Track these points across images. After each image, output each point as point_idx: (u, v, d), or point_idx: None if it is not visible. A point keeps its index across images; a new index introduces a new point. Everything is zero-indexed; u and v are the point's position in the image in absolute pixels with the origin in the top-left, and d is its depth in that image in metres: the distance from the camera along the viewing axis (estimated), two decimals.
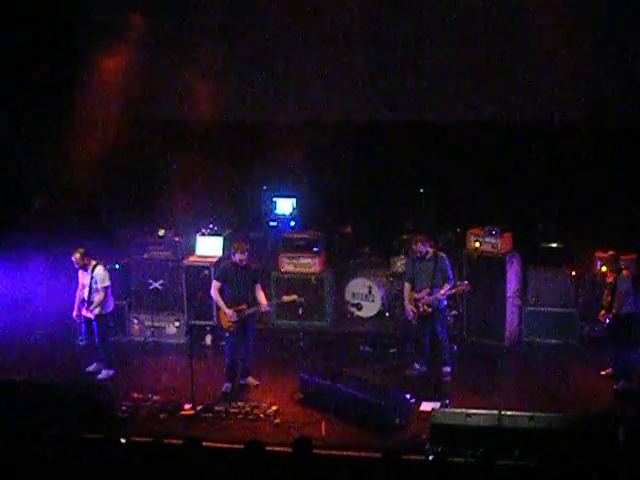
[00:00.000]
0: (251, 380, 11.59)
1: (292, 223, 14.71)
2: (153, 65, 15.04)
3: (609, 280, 11.31)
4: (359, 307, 13.46)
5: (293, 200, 14.85)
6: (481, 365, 12.20)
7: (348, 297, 13.54)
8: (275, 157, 14.47)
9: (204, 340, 13.01)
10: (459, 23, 14.51)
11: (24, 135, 14.67)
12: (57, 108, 14.69)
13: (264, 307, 11.44)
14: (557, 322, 12.67)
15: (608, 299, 11.23)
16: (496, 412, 9.60)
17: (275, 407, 10.79)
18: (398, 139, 15.00)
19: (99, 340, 11.91)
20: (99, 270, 11.82)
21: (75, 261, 11.80)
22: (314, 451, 7.96)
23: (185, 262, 13.29)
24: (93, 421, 10.06)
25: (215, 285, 11.47)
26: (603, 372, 11.56)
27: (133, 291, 13.49)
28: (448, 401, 10.81)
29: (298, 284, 13.01)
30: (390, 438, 9.95)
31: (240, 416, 10.66)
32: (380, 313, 13.43)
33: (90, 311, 11.79)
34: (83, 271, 11.87)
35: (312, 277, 13.21)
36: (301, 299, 11.81)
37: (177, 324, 13.17)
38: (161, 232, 13.56)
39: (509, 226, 12.94)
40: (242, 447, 7.88)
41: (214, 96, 14.44)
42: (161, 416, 10.69)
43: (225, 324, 11.42)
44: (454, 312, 12.78)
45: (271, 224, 14.77)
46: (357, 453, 9.62)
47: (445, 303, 11.80)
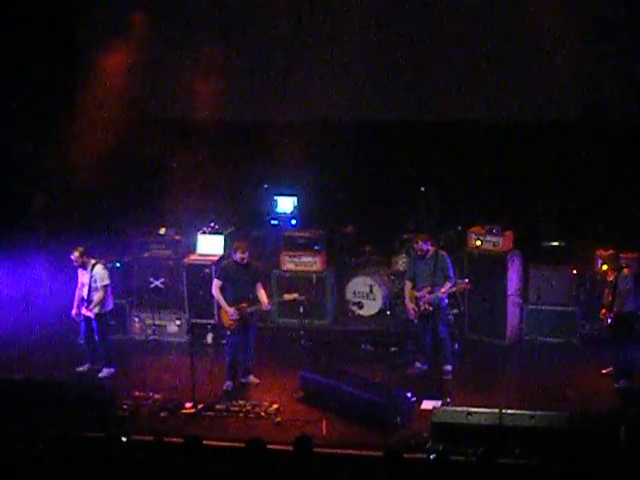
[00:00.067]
0: (252, 378, 11.59)
1: (293, 222, 14.68)
2: (153, 65, 15.05)
3: (610, 279, 11.32)
4: (360, 306, 13.46)
5: (294, 199, 14.83)
6: (482, 364, 12.21)
7: (349, 296, 13.54)
8: (276, 156, 14.46)
9: (205, 338, 13.01)
10: (459, 23, 14.51)
11: (24, 135, 14.64)
12: (57, 108, 14.68)
13: (265, 306, 11.43)
14: (558, 320, 12.69)
15: (609, 298, 11.24)
16: (497, 411, 9.60)
17: (276, 405, 10.79)
18: (398, 138, 14.99)
19: (99, 339, 11.90)
20: (98, 269, 11.83)
21: (74, 259, 11.81)
22: (315, 450, 7.95)
23: (186, 260, 13.30)
24: (94, 420, 10.05)
25: (216, 283, 11.47)
26: (604, 371, 11.55)
27: (134, 290, 13.52)
28: (449, 399, 10.78)
29: (299, 283, 13.01)
30: (391, 437, 9.94)
31: (241, 414, 10.66)
32: (381, 312, 13.43)
33: (90, 310, 11.79)
34: (82, 270, 11.88)
35: (313, 276, 13.21)
36: (302, 298, 11.84)
37: (178, 322, 13.18)
38: (162, 231, 13.60)
39: (510, 225, 12.95)
40: (243, 446, 7.87)
41: (215, 95, 14.44)
42: (162, 414, 10.69)
43: (226, 323, 11.41)
44: (455, 310, 12.77)
45: (272, 222, 14.74)
46: (358, 452, 9.61)
47: (446, 301, 11.80)
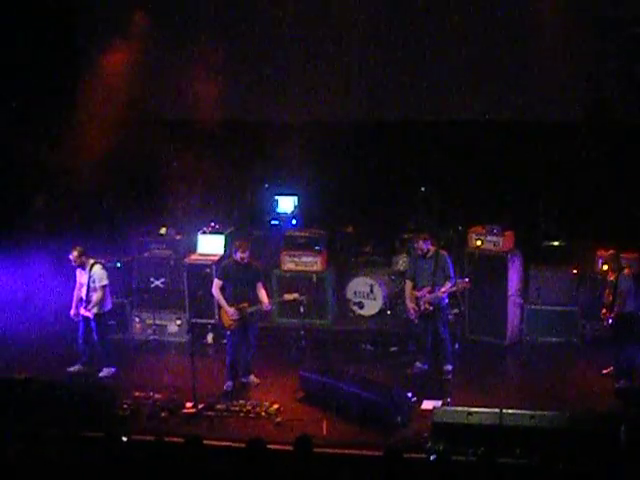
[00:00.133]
0: (252, 378, 11.58)
1: (294, 221, 14.67)
2: (153, 64, 15.03)
3: (610, 279, 11.30)
4: (361, 306, 13.46)
5: (295, 198, 14.82)
6: (482, 363, 12.21)
7: (350, 295, 13.54)
8: (276, 156, 14.47)
9: (206, 338, 13.00)
10: (459, 23, 14.51)
11: (24, 135, 14.64)
12: (58, 108, 14.68)
13: (265, 305, 11.43)
14: (558, 320, 12.68)
15: (609, 298, 11.23)
16: (497, 410, 9.60)
17: (276, 405, 10.80)
18: (398, 138, 14.99)
19: (98, 339, 11.89)
20: (97, 269, 11.82)
21: (72, 259, 11.81)
22: (315, 449, 7.94)
23: (187, 260, 13.30)
24: (94, 419, 10.04)
25: (217, 283, 11.47)
26: (604, 371, 11.54)
27: (135, 289, 13.52)
28: (449, 399, 10.78)
29: (300, 282, 13.01)
30: (391, 436, 9.95)
31: (241, 414, 10.67)
32: (381, 311, 13.42)
33: (88, 310, 11.78)
34: (81, 270, 11.87)
35: (314, 275, 13.21)
36: (302, 297, 11.84)
37: (179, 322, 13.17)
38: (162, 230, 13.60)
39: (510, 225, 12.95)
40: (243, 445, 7.86)
41: (215, 95, 14.41)
42: (162, 414, 10.68)
43: (226, 322, 11.41)
44: (455, 310, 12.78)
45: (273, 222, 14.73)
46: (358, 451, 9.63)
47: (446, 301, 11.80)
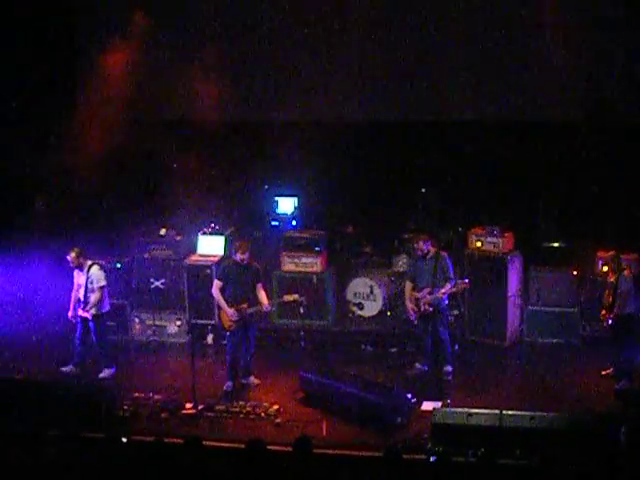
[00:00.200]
0: (252, 379, 11.58)
1: (294, 222, 14.67)
2: (153, 65, 15.02)
3: (610, 280, 11.31)
4: (360, 306, 13.45)
5: (295, 199, 14.82)
6: (482, 365, 12.21)
7: (349, 296, 13.54)
8: (276, 156, 14.48)
9: (205, 339, 12.99)
10: (459, 23, 14.52)
11: (24, 135, 14.64)
12: (57, 108, 14.67)
13: (265, 306, 11.42)
14: (558, 322, 12.68)
15: (609, 299, 11.23)
16: (497, 411, 9.59)
17: (276, 406, 10.79)
18: (398, 138, 14.99)
19: (97, 340, 11.88)
20: (95, 270, 11.81)
21: (70, 260, 11.79)
22: (315, 450, 7.94)
23: (186, 261, 13.29)
24: (94, 420, 10.04)
25: (216, 284, 11.46)
26: (604, 372, 11.54)
27: (134, 290, 13.50)
28: (449, 400, 10.80)
29: (299, 283, 13.01)
30: (391, 437, 9.93)
31: (241, 415, 10.66)
32: (381, 312, 13.42)
33: (86, 311, 11.76)
34: (79, 271, 11.85)
35: (313, 276, 13.21)
36: (302, 298, 11.83)
37: (178, 323, 13.17)
38: (162, 231, 13.59)
39: (510, 225, 12.95)
40: (243, 446, 7.86)
41: (215, 95, 14.42)
42: (162, 415, 10.68)
43: (226, 323, 11.41)
44: (455, 311, 12.79)
45: (273, 223, 14.73)
46: (358, 452, 9.61)
47: (446, 302, 11.79)
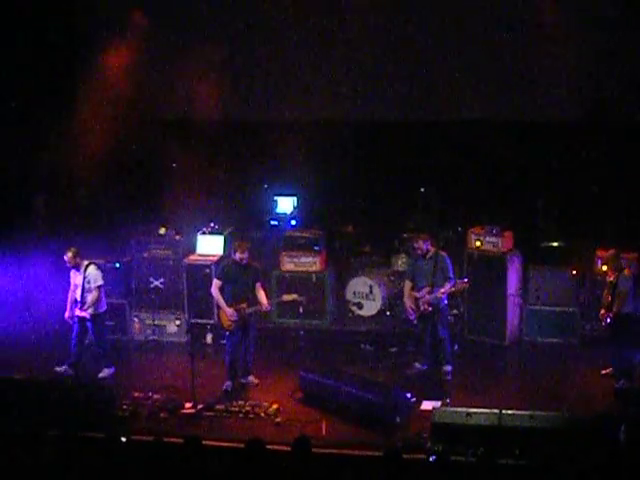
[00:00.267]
0: (252, 379, 11.58)
1: (293, 222, 14.65)
2: (153, 64, 15.03)
3: (610, 279, 11.29)
4: (360, 306, 13.45)
5: (294, 199, 14.81)
6: (482, 364, 12.21)
7: (349, 296, 13.54)
8: (276, 156, 14.48)
9: (205, 339, 12.99)
10: (460, 23, 14.50)
11: (24, 135, 14.65)
12: (58, 108, 14.67)
13: (264, 306, 11.42)
14: (558, 321, 12.68)
15: (608, 298, 11.22)
16: (497, 411, 9.59)
17: (276, 406, 10.78)
18: (398, 138, 14.98)
19: (95, 340, 11.90)
20: (92, 269, 11.80)
21: (67, 260, 11.79)
22: (314, 450, 7.93)
23: (186, 261, 13.29)
24: (93, 420, 10.03)
25: (216, 284, 11.46)
26: (603, 371, 11.54)
27: (134, 290, 13.49)
28: (449, 400, 10.81)
29: (299, 283, 13.03)
30: (391, 437, 9.93)
31: (241, 415, 10.66)
32: (381, 312, 13.42)
33: (84, 311, 11.75)
34: (75, 271, 11.85)
35: (313, 276, 13.22)
36: (302, 298, 11.85)
37: (178, 323, 13.17)
38: (162, 231, 13.58)
39: (510, 225, 12.95)
40: (242, 446, 7.86)
41: (215, 95, 14.43)
42: (162, 415, 10.68)
43: (225, 323, 11.41)
44: (455, 311, 12.79)
45: (272, 223, 14.71)
46: (358, 452, 9.61)
47: (445, 302, 11.77)
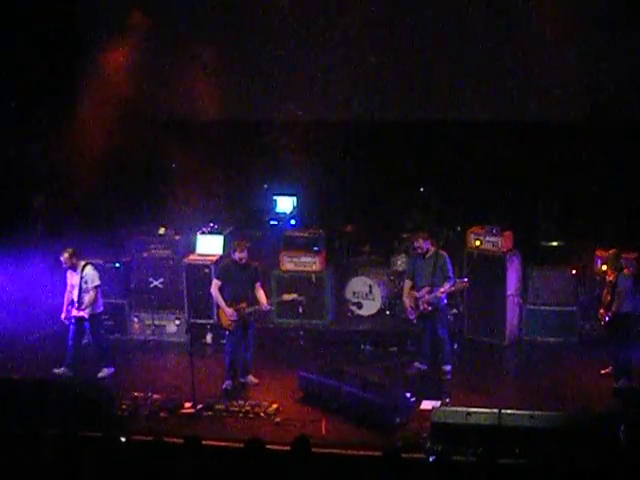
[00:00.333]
0: (251, 378, 11.59)
1: (292, 222, 14.66)
2: (153, 64, 15.02)
3: (610, 278, 11.29)
4: (359, 306, 13.45)
5: (293, 198, 14.81)
6: (481, 363, 12.20)
7: (348, 296, 13.54)
8: (275, 156, 14.49)
9: (205, 338, 13.00)
10: (459, 23, 14.50)
11: (24, 135, 14.65)
12: (58, 108, 14.68)
13: (264, 306, 11.42)
14: (557, 320, 12.69)
15: (607, 297, 11.22)
16: (496, 411, 9.58)
17: (275, 405, 10.80)
18: (398, 138, 14.98)
19: (94, 340, 11.90)
20: (89, 270, 11.80)
21: (64, 261, 11.79)
22: (314, 450, 7.93)
23: (185, 260, 13.29)
24: (93, 420, 10.03)
25: (215, 283, 11.47)
26: (603, 371, 11.54)
27: (133, 289, 13.50)
28: (448, 399, 10.81)
29: (298, 282, 13.02)
30: (390, 437, 9.94)
31: (240, 414, 10.67)
32: (380, 312, 13.43)
33: (81, 311, 11.74)
34: (72, 272, 11.85)
35: (312, 276, 13.21)
36: (301, 298, 11.85)
37: (177, 322, 13.17)
38: (161, 230, 13.60)
39: (510, 225, 12.94)
40: (242, 446, 7.86)
41: (214, 95, 14.43)
42: (161, 414, 10.69)
43: (225, 323, 11.41)
44: (454, 311, 12.79)
45: (271, 223, 14.72)
46: (357, 452, 9.61)
47: (445, 302, 11.77)
